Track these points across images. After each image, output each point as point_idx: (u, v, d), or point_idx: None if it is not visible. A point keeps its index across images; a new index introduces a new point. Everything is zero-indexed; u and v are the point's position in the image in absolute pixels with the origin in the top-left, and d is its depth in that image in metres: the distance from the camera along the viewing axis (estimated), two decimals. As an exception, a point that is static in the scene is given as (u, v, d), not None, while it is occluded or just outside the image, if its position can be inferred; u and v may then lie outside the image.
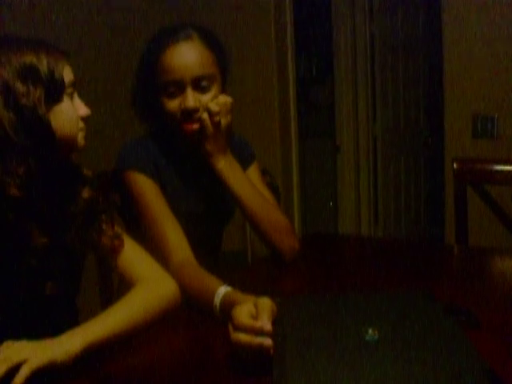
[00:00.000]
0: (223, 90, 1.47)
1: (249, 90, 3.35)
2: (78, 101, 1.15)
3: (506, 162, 1.94)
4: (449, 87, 2.80)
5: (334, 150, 4.11)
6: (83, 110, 1.15)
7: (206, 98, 1.40)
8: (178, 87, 1.39)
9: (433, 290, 1.22)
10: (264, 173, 3.18)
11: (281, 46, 3.34)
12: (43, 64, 1.06)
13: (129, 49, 2.92)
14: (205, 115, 1.41)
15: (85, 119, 1.15)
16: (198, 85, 1.39)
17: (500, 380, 0.85)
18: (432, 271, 1.53)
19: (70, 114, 1.11)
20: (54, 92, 1.07)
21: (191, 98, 1.38)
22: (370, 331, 1.00)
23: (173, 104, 1.40)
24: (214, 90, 1.42)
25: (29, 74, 1.04)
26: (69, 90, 1.11)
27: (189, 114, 1.40)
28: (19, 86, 1.03)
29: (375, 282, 1.44)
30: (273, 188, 3.23)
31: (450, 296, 1.26)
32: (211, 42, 1.43)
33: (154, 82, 1.42)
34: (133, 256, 1.24)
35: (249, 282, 1.50)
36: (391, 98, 4.02)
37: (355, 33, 3.87)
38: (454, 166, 1.93)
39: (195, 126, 1.41)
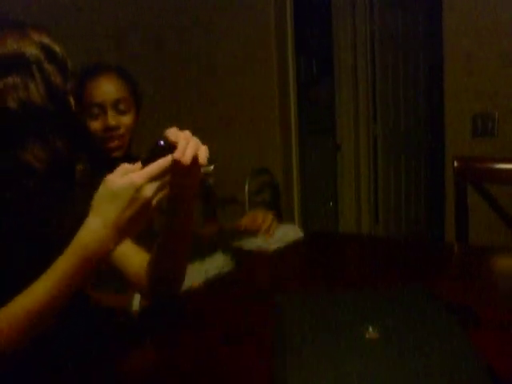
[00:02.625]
0: (137, 119, 1.71)
1: (249, 88, 3.35)
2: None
3: (507, 161, 1.94)
4: (449, 86, 2.80)
5: (335, 148, 4.11)
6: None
7: (124, 119, 1.65)
8: (100, 109, 1.63)
9: (433, 288, 1.22)
10: (265, 171, 3.20)
11: (281, 44, 3.34)
12: (58, 48, 1.04)
13: (127, 49, 2.93)
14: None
15: None
16: (117, 107, 1.65)
17: (499, 378, 0.86)
18: (432, 269, 1.53)
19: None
20: (66, 80, 1.05)
21: (111, 118, 1.63)
22: (370, 329, 1.00)
23: (96, 124, 1.63)
24: (131, 113, 1.68)
25: (49, 53, 1.02)
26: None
27: (110, 132, 1.63)
28: (46, 64, 1.01)
29: (375, 280, 1.44)
30: (273, 186, 3.25)
31: (450, 294, 1.26)
32: (127, 76, 1.70)
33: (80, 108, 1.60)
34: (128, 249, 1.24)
35: (248, 279, 1.51)
36: (391, 97, 4.02)
37: (355, 31, 3.87)
38: (455, 164, 1.93)
39: (117, 143, 1.64)
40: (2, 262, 0.96)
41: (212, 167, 1.10)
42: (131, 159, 1.61)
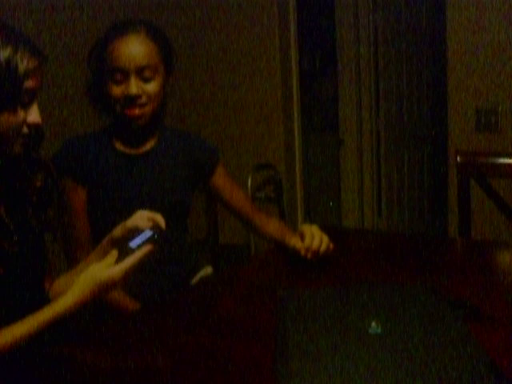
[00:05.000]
0: (166, 82, 1.57)
1: (252, 83, 3.35)
2: (32, 106, 1.08)
3: (509, 156, 1.94)
4: (452, 80, 2.80)
5: (338, 143, 4.11)
6: (33, 117, 1.07)
7: (148, 87, 1.51)
8: (123, 75, 1.49)
9: (436, 283, 1.22)
10: (267, 166, 3.20)
11: (284, 38, 3.33)
12: (4, 57, 1.00)
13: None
14: None
15: (32, 126, 1.09)
16: (141, 74, 1.50)
17: (502, 373, 0.86)
18: (435, 264, 1.53)
19: (12, 121, 1.05)
20: (8, 96, 1.01)
21: (134, 86, 1.49)
22: (373, 324, 1.00)
23: (117, 90, 1.51)
24: (157, 80, 1.53)
25: None
26: (25, 99, 1.05)
27: (131, 100, 1.50)
28: None
29: (378, 275, 1.44)
30: (276, 181, 3.25)
31: (453, 289, 1.27)
32: (158, 36, 1.54)
33: (103, 70, 1.52)
34: None
35: (252, 275, 1.51)
36: (395, 91, 4.01)
37: (358, 25, 3.85)
38: (458, 159, 1.93)
39: (137, 112, 1.52)
40: None
41: None
42: (155, 129, 1.62)
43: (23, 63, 1.02)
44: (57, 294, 1.19)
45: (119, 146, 1.61)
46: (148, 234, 1.15)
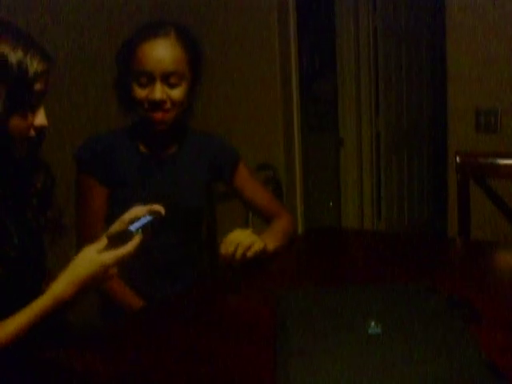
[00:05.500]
0: (193, 88, 1.57)
1: (252, 83, 3.35)
2: (39, 109, 1.09)
3: (509, 156, 1.94)
4: (452, 81, 2.80)
5: (338, 143, 4.11)
6: (40, 119, 1.09)
7: (173, 93, 1.50)
8: (149, 79, 1.48)
9: (435, 283, 1.23)
10: (267, 167, 3.20)
11: (284, 39, 3.33)
12: (15, 59, 1.00)
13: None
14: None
15: (39, 129, 1.10)
16: (167, 80, 1.49)
17: (500, 373, 0.86)
18: (434, 264, 1.53)
19: (21, 124, 1.06)
20: (18, 99, 1.02)
21: (158, 91, 1.48)
22: (373, 324, 1.00)
23: (142, 93, 1.50)
24: (183, 86, 1.52)
25: None
26: (34, 102, 1.06)
27: (156, 105, 1.49)
28: None
29: (378, 275, 1.44)
30: (275, 182, 3.25)
31: (452, 289, 1.27)
32: (188, 42, 1.53)
33: (129, 70, 1.51)
34: None
35: (250, 275, 1.51)
36: (394, 91, 4.01)
37: (358, 26, 3.85)
38: (457, 159, 1.94)
39: (160, 115, 1.51)
40: None
41: None
42: (178, 135, 1.63)
43: (33, 66, 1.03)
44: None
45: (142, 148, 1.61)
46: (147, 218, 1.17)
